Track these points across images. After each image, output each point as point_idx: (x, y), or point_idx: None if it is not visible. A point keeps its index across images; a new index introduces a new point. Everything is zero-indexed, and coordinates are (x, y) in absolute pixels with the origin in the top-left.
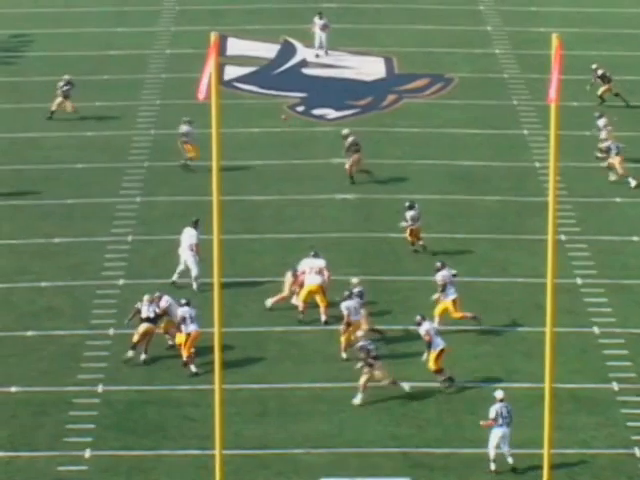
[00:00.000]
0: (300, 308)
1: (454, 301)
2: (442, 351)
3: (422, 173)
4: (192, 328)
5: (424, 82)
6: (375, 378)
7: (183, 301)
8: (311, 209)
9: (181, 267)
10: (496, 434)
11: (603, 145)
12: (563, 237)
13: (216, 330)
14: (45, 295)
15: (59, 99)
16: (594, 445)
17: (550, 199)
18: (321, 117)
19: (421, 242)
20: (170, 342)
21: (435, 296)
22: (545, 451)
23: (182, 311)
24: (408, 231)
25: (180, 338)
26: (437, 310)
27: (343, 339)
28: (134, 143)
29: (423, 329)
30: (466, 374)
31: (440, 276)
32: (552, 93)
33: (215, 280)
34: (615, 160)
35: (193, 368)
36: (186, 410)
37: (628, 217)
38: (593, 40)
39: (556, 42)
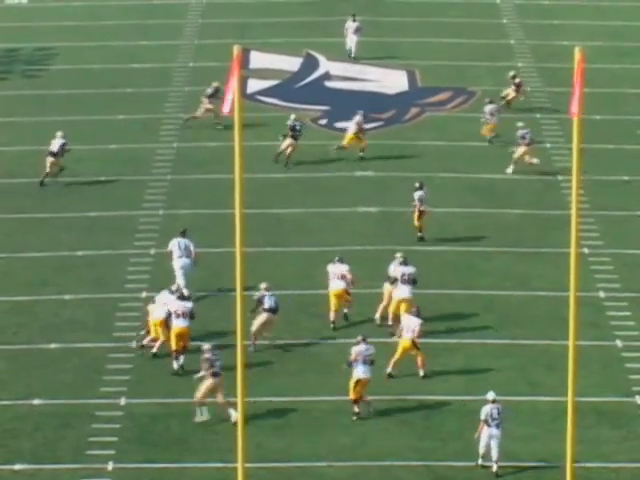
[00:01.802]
0: (332, 317)
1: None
2: (358, 381)
3: (444, 186)
4: (178, 323)
5: (446, 95)
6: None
7: (179, 294)
8: (333, 222)
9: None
10: (485, 435)
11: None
12: (586, 250)
13: (238, 343)
14: (68, 308)
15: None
16: (617, 459)
17: (573, 212)
18: (344, 130)
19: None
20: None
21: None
22: (568, 465)
23: (176, 305)
24: (417, 214)
25: (164, 334)
26: (392, 307)
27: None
28: (157, 156)
29: (354, 350)
30: (488, 387)
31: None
32: (574, 107)
33: (237, 292)
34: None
35: (175, 365)
36: (209, 423)
37: None
38: (616, 53)
39: (578, 55)
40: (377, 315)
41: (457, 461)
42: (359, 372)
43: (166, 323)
